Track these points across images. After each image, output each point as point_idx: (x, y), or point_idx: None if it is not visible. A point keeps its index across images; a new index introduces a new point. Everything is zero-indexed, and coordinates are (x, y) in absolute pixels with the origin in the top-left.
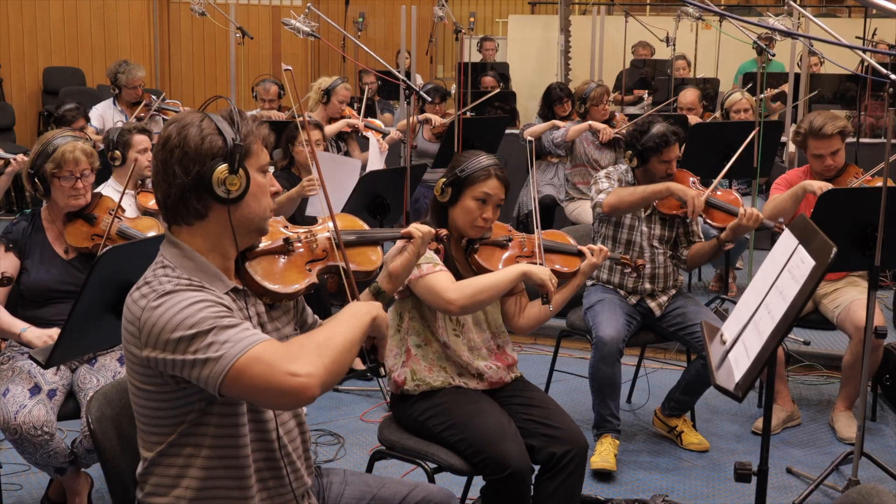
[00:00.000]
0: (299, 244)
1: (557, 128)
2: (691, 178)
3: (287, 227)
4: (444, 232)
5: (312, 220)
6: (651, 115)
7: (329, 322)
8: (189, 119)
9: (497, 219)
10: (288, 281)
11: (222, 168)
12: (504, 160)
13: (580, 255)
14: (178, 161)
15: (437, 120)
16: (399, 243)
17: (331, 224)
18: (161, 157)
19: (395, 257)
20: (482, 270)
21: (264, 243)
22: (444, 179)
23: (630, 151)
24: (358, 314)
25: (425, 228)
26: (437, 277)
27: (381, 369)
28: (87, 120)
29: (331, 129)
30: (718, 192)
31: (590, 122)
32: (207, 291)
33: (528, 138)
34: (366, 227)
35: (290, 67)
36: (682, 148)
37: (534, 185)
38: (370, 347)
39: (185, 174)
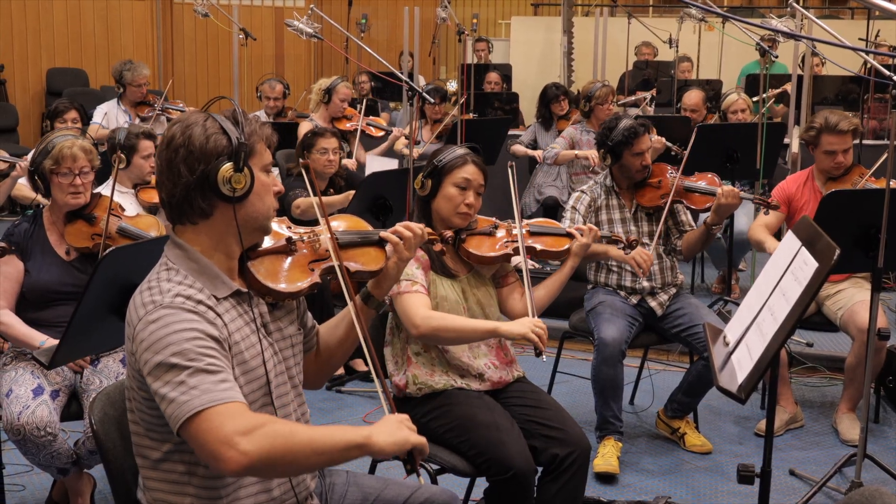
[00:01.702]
0: (302, 244)
1: (536, 157)
2: (669, 171)
3: (290, 227)
4: (448, 233)
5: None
6: (618, 112)
7: (326, 426)
8: (193, 119)
9: (479, 207)
10: (291, 280)
11: (227, 167)
12: (479, 150)
13: (570, 237)
14: (183, 160)
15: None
16: (389, 246)
17: (334, 223)
18: (165, 156)
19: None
20: (473, 258)
21: (267, 243)
22: (422, 174)
23: (602, 150)
24: (348, 430)
25: (408, 232)
26: (410, 298)
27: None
28: (80, 112)
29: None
30: (705, 177)
31: (576, 152)
32: (203, 318)
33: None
34: (370, 227)
35: (307, 163)
36: (687, 150)
37: (514, 189)
38: (406, 456)
39: (190, 173)
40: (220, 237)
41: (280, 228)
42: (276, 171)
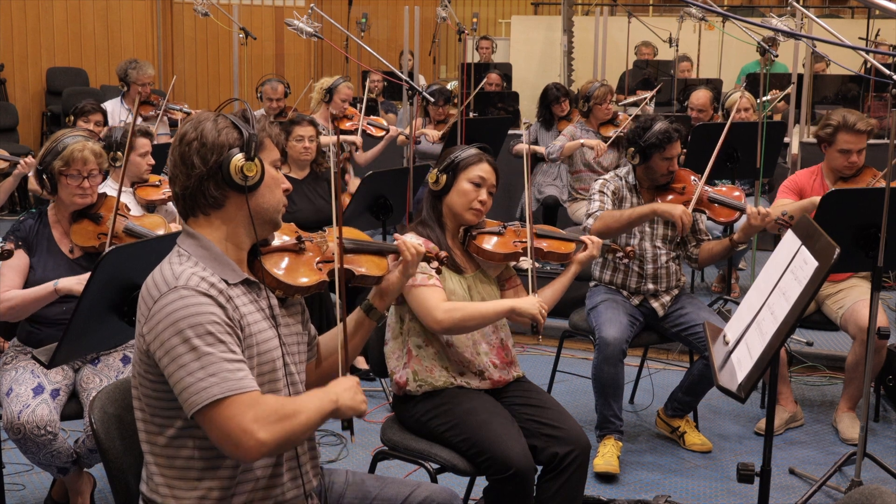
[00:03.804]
0: (311, 244)
1: (539, 152)
2: (693, 177)
3: (297, 231)
4: (444, 254)
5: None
6: (653, 113)
7: (308, 394)
8: (204, 116)
9: (490, 206)
10: (300, 275)
11: (239, 156)
12: (492, 152)
13: (575, 243)
14: (197, 152)
15: (432, 134)
16: (391, 257)
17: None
18: (179, 151)
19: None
20: (483, 254)
21: (278, 241)
22: (436, 169)
23: (632, 148)
24: (322, 399)
25: (414, 248)
26: (428, 292)
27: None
28: (104, 116)
29: (324, 140)
30: (723, 189)
31: (582, 140)
32: (216, 303)
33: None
34: (372, 240)
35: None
36: (685, 149)
37: (528, 181)
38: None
39: (203, 164)
40: (231, 228)
41: (291, 230)
42: None
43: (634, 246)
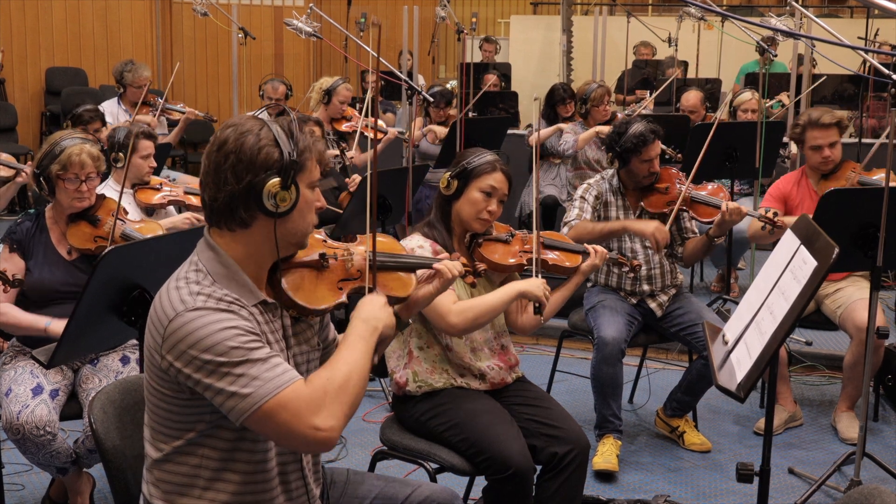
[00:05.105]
0: (335, 261)
1: (562, 132)
2: (678, 177)
3: (326, 241)
4: (482, 266)
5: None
6: (630, 116)
7: (347, 346)
8: (248, 126)
9: (499, 215)
10: (318, 297)
11: (275, 182)
12: (506, 157)
13: (580, 253)
14: (232, 167)
15: (439, 131)
16: (426, 272)
17: (368, 245)
18: (214, 159)
19: (418, 286)
20: (487, 264)
21: (300, 256)
22: (449, 173)
23: (610, 154)
24: (366, 337)
25: (456, 268)
26: (440, 298)
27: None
28: (104, 123)
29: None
30: (708, 188)
31: (597, 128)
32: (238, 315)
33: (532, 138)
34: (405, 250)
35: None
36: (685, 150)
37: (536, 184)
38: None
39: (236, 181)
40: (255, 248)
41: (316, 242)
42: None
43: (640, 261)
